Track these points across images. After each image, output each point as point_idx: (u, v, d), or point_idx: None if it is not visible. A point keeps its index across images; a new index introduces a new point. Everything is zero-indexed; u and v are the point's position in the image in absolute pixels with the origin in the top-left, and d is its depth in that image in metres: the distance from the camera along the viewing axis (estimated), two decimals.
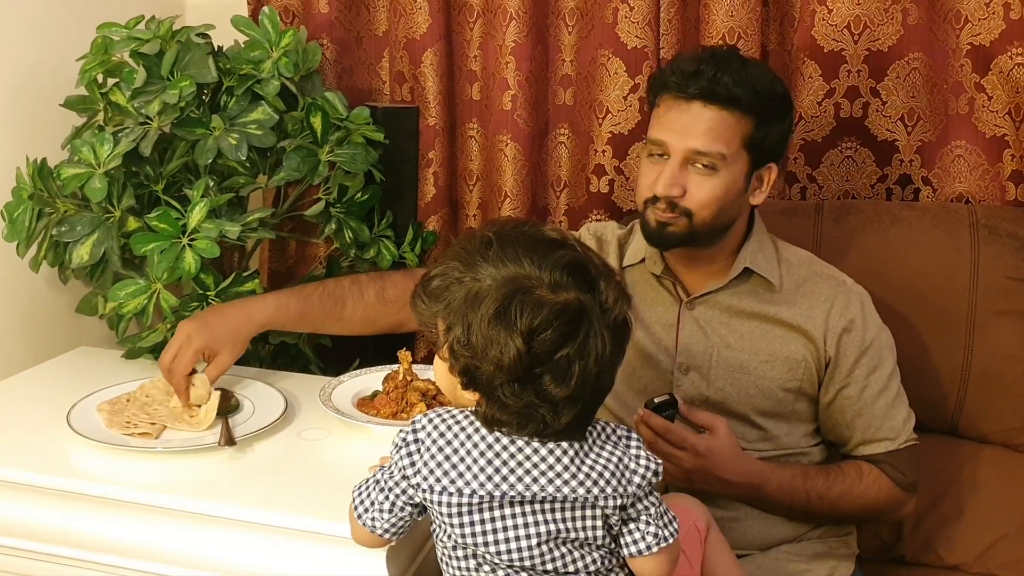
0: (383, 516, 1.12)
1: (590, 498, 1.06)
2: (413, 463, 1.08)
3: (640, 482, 1.08)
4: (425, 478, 1.07)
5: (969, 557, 1.65)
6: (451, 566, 1.12)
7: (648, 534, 1.09)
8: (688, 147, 1.41)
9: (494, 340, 1.01)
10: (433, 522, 1.12)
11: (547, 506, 1.06)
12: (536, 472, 1.06)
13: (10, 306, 1.80)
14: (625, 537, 1.10)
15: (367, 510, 1.13)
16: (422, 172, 2.05)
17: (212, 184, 1.71)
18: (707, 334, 1.51)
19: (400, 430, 1.11)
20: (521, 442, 1.07)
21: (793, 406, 1.50)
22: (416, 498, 1.10)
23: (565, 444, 1.07)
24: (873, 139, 1.85)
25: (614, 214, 1.99)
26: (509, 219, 1.97)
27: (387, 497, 1.12)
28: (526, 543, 1.06)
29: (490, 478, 1.06)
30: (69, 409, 1.47)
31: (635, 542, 1.09)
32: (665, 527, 1.10)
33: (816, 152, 1.88)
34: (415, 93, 2.04)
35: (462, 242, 1.10)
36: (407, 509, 1.12)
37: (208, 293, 1.69)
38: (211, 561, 1.29)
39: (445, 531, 1.09)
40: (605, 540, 1.09)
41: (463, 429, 1.09)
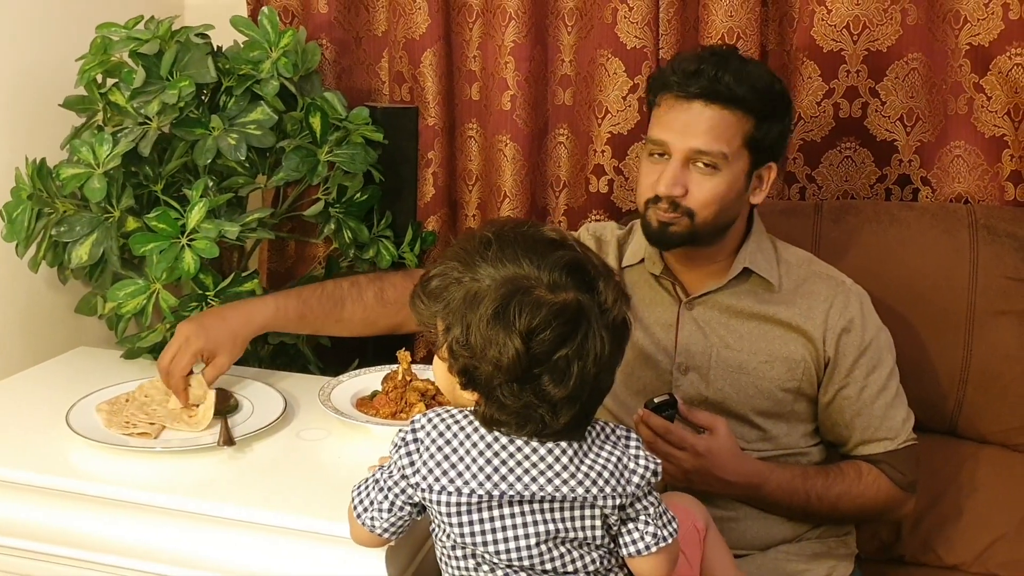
0: (382, 516, 1.12)
1: (589, 498, 1.06)
2: (412, 463, 1.08)
3: (639, 482, 1.08)
4: (424, 477, 1.07)
5: (968, 557, 1.65)
6: (450, 566, 1.12)
7: (647, 534, 1.09)
8: (689, 146, 1.41)
9: (493, 340, 1.01)
10: (432, 522, 1.12)
11: (546, 506, 1.06)
12: (535, 472, 1.06)
13: (9, 306, 1.80)
14: (624, 537, 1.10)
15: (366, 510, 1.13)
16: (421, 172, 2.05)
17: (211, 184, 1.71)
18: (706, 334, 1.51)
19: (399, 430, 1.11)
20: (520, 442, 1.07)
21: (792, 406, 1.50)
22: (415, 497, 1.10)
23: (564, 444, 1.07)
24: (872, 139, 1.85)
25: (613, 214, 1.98)
26: (508, 219, 1.97)
27: (386, 497, 1.12)
28: (525, 543, 1.06)
29: (489, 477, 1.06)
30: (68, 409, 1.47)
31: (634, 542, 1.09)
32: (664, 527, 1.10)
33: (815, 152, 1.88)
34: (414, 93, 2.04)
35: (461, 242, 1.10)
36: (406, 509, 1.12)
37: (207, 293, 1.69)
38: (210, 561, 1.29)
39: (444, 531, 1.09)
40: (604, 540, 1.09)
41: (462, 429, 1.09)
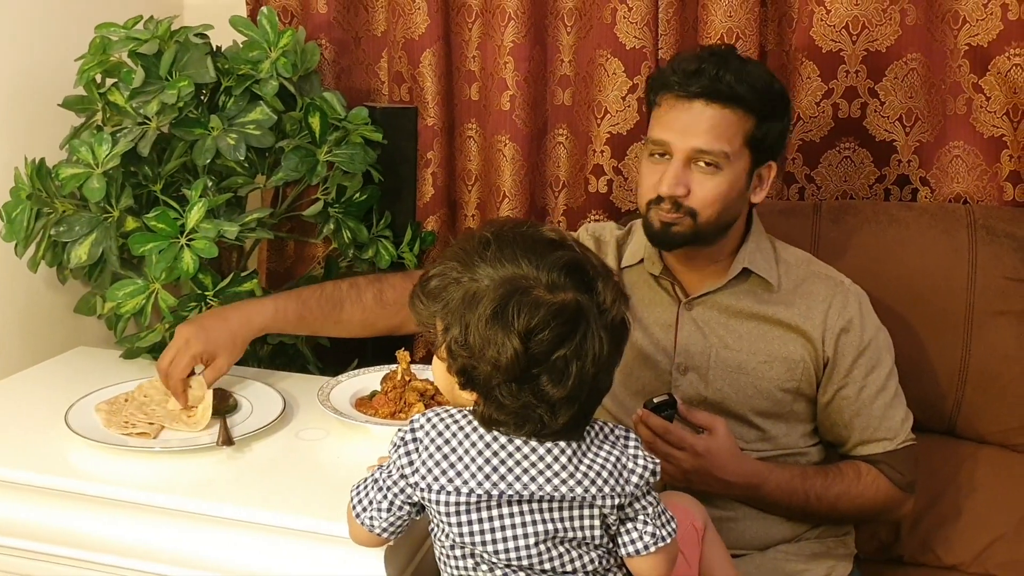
0: (381, 515, 1.12)
1: (588, 497, 1.06)
2: (411, 462, 1.09)
3: (638, 481, 1.08)
4: (423, 477, 1.08)
5: (967, 557, 1.65)
6: (449, 565, 1.12)
7: (646, 534, 1.09)
8: (691, 146, 1.41)
9: (491, 340, 1.01)
10: (431, 521, 1.12)
11: (545, 505, 1.06)
12: (534, 471, 1.06)
13: (8, 306, 1.80)
14: (623, 536, 1.10)
15: (365, 509, 1.13)
16: (420, 172, 2.05)
17: (210, 184, 1.71)
18: (705, 335, 1.51)
19: (398, 429, 1.11)
20: (519, 441, 1.07)
21: (791, 406, 1.50)
22: (414, 497, 1.10)
23: (563, 443, 1.07)
24: (871, 139, 1.85)
25: (612, 214, 1.98)
26: (507, 219, 1.97)
27: (385, 496, 1.12)
28: (524, 542, 1.07)
29: (488, 477, 1.06)
30: (67, 409, 1.47)
31: (632, 542, 1.09)
32: (663, 527, 1.11)
33: (814, 152, 1.88)
34: (413, 93, 2.04)
35: (460, 242, 1.10)
36: (405, 508, 1.12)
37: (206, 293, 1.69)
38: (209, 561, 1.29)
39: (443, 530, 1.09)
40: (603, 540, 1.09)
41: (461, 428, 1.09)
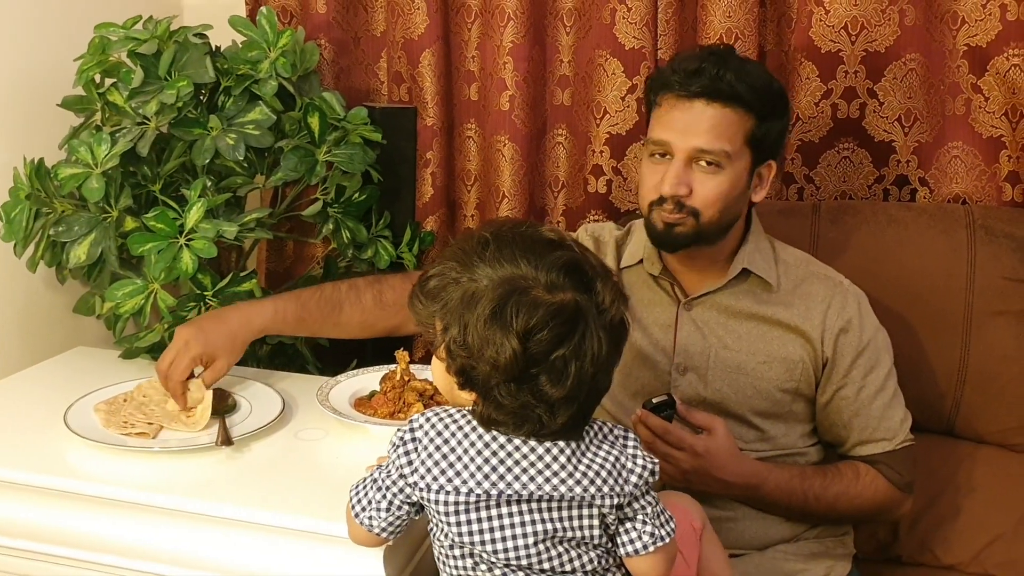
0: (380, 515, 1.12)
1: (587, 497, 1.06)
2: (410, 462, 1.09)
3: (637, 481, 1.08)
4: (423, 476, 1.08)
5: (965, 557, 1.65)
6: (448, 565, 1.12)
7: (644, 533, 1.09)
8: (692, 145, 1.41)
9: (490, 340, 1.02)
10: (430, 521, 1.12)
11: (544, 505, 1.07)
12: (533, 471, 1.06)
13: (7, 306, 1.80)
14: (622, 536, 1.10)
15: (364, 509, 1.14)
16: (420, 172, 2.05)
17: (210, 184, 1.71)
18: (705, 335, 1.51)
19: (398, 429, 1.11)
20: (518, 441, 1.07)
21: (790, 407, 1.50)
22: (413, 497, 1.10)
23: (562, 443, 1.07)
24: (870, 140, 1.85)
25: (612, 215, 1.99)
26: (506, 219, 1.97)
27: (384, 496, 1.12)
28: (523, 542, 1.07)
29: (487, 476, 1.06)
30: (66, 409, 1.47)
31: (631, 541, 1.10)
32: (662, 527, 1.11)
33: (813, 153, 1.88)
34: (413, 93, 2.04)
35: (459, 242, 1.10)
36: (404, 508, 1.12)
37: (205, 293, 1.69)
38: (208, 561, 1.29)
39: (442, 530, 1.09)
40: (602, 539, 1.09)
41: (460, 428, 1.09)
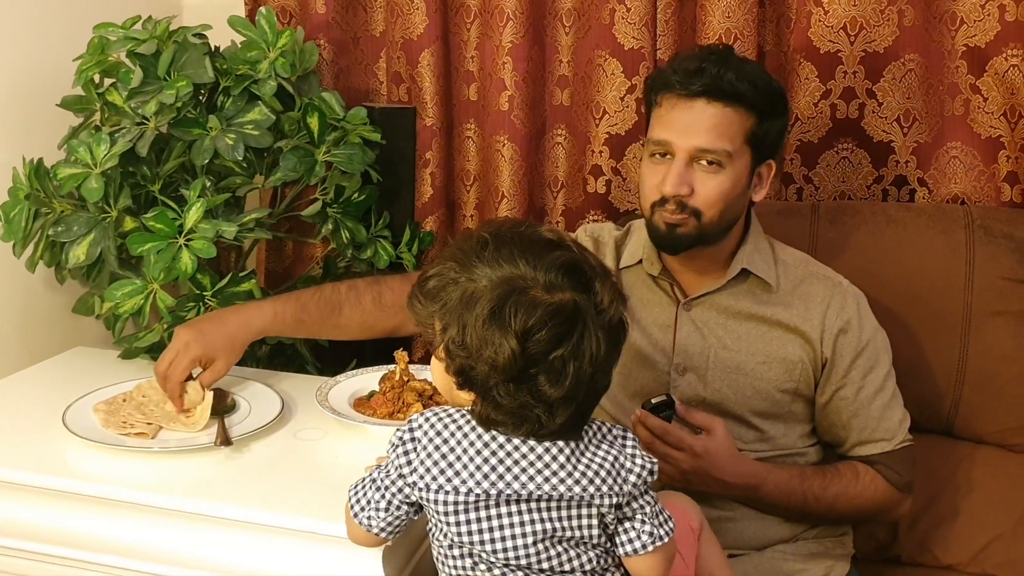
0: (379, 515, 1.12)
1: (586, 497, 1.06)
2: (410, 462, 1.09)
3: (636, 481, 1.08)
4: (422, 476, 1.08)
5: (964, 557, 1.65)
6: (447, 565, 1.12)
7: (643, 533, 1.09)
8: (693, 145, 1.41)
9: (489, 340, 1.02)
10: (429, 521, 1.12)
11: (543, 505, 1.07)
12: (532, 471, 1.06)
13: (6, 306, 1.80)
14: (620, 536, 1.10)
15: (363, 509, 1.14)
16: (419, 172, 2.05)
17: (209, 184, 1.71)
18: (704, 335, 1.51)
19: (397, 429, 1.11)
20: (517, 441, 1.07)
21: (790, 407, 1.50)
22: (412, 497, 1.10)
23: (561, 443, 1.07)
24: (869, 140, 1.86)
25: (611, 215, 1.99)
26: (506, 220, 1.96)
27: (383, 496, 1.12)
28: (522, 541, 1.07)
29: (486, 476, 1.06)
30: (65, 409, 1.47)
31: (630, 541, 1.10)
32: (660, 526, 1.11)
33: (812, 153, 1.88)
34: (412, 93, 2.04)
35: (458, 243, 1.10)
36: (403, 508, 1.12)
37: (205, 293, 1.69)
38: (207, 561, 1.29)
39: (441, 530, 1.09)
40: (601, 539, 1.09)
41: (459, 428, 1.09)
